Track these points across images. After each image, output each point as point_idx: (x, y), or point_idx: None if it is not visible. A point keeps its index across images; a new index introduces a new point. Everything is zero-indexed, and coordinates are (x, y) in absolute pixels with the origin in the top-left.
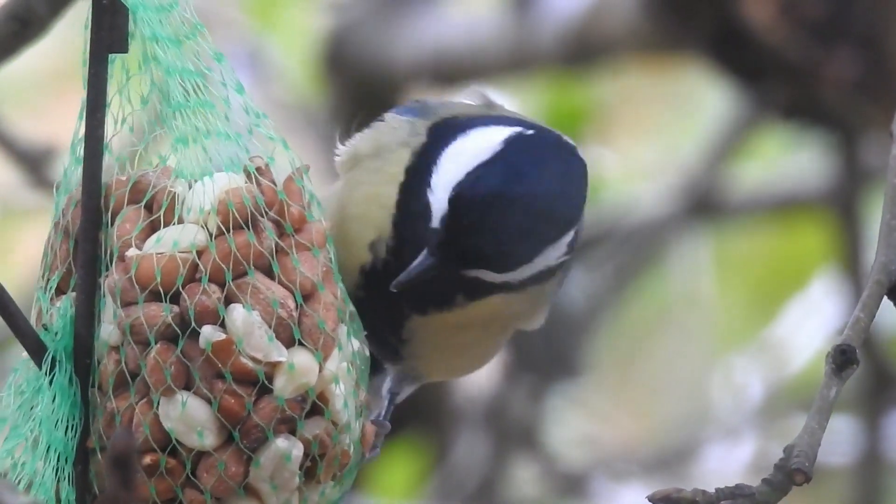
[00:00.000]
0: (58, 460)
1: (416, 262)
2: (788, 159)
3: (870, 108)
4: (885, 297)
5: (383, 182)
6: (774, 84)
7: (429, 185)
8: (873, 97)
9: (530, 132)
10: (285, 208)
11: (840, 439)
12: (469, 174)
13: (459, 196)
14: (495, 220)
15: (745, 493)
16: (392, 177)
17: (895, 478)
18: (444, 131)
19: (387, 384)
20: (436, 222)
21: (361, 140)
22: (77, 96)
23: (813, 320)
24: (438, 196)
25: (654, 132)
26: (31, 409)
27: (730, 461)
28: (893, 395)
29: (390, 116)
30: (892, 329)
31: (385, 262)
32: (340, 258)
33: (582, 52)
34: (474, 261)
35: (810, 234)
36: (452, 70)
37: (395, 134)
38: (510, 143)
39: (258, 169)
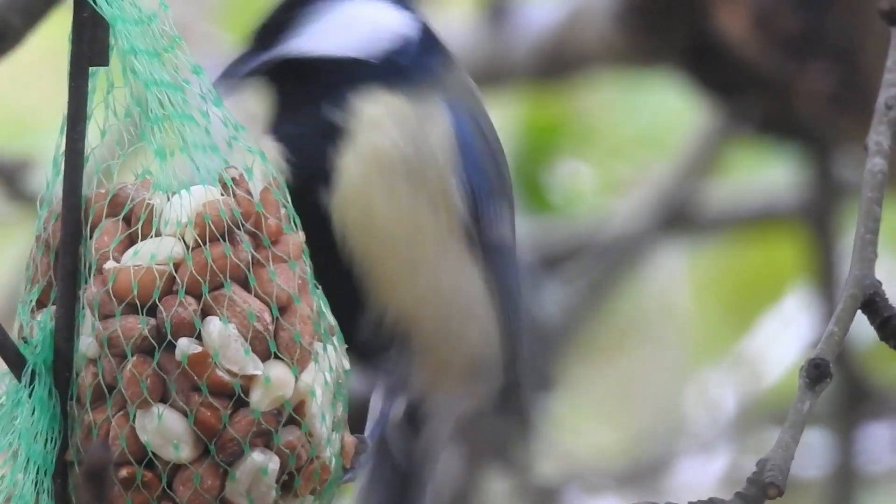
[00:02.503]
0: (37, 473)
1: None
2: (762, 173)
3: (844, 122)
4: (860, 311)
5: None
6: (748, 98)
7: None
8: (847, 111)
9: None
10: (262, 220)
11: (814, 453)
12: None
13: None
14: None
15: None
16: None
17: (868, 492)
18: None
19: (377, 403)
20: None
21: None
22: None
23: (787, 334)
24: None
25: (628, 146)
26: (11, 421)
27: (703, 475)
28: (867, 409)
29: None
30: (865, 343)
31: None
32: None
33: (556, 66)
34: None
35: (784, 248)
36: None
37: None
38: None
39: (234, 179)
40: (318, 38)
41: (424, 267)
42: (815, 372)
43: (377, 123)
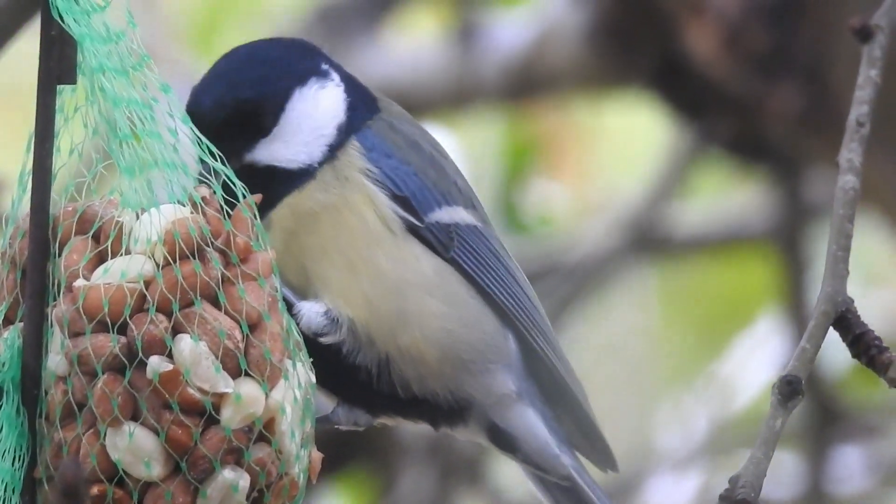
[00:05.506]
0: (5, 490)
1: None
2: (732, 194)
3: (813, 142)
4: (831, 328)
5: None
6: (718, 118)
7: None
8: (817, 130)
9: None
10: (231, 238)
11: (785, 475)
12: None
13: None
14: None
15: None
16: None
17: None
18: None
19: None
20: None
21: None
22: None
23: (758, 356)
24: None
25: (598, 167)
26: None
27: (675, 495)
28: (838, 431)
29: None
30: (836, 365)
31: None
32: None
33: (526, 86)
34: None
35: (754, 269)
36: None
37: None
38: None
39: (203, 198)
40: (283, 144)
41: (363, 265)
42: (788, 389)
43: (285, 215)
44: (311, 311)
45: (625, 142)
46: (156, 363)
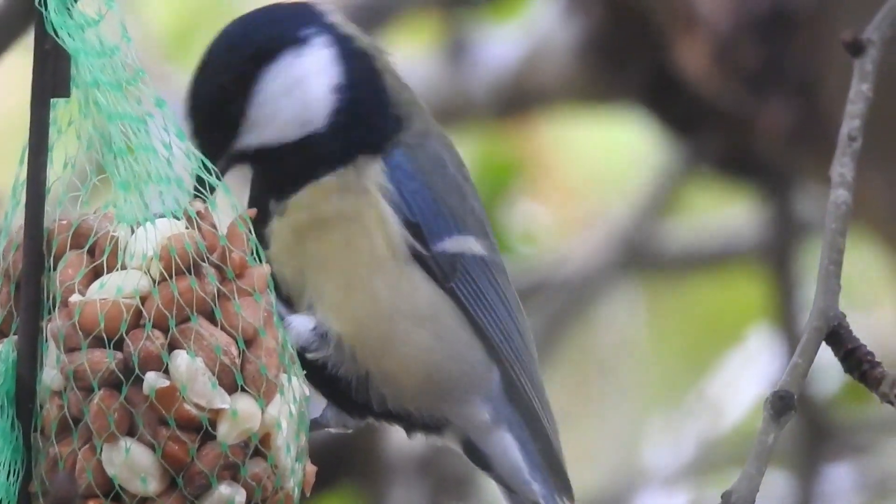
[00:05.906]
0: None
1: None
2: (722, 211)
3: (804, 157)
4: (824, 343)
5: None
6: (708, 135)
7: None
8: (808, 146)
9: None
10: (227, 253)
11: (775, 492)
12: None
13: None
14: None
15: None
16: None
17: None
18: None
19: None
20: None
21: None
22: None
23: (747, 374)
24: None
25: (587, 183)
26: None
27: None
28: (827, 448)
29: None
30: (827, 383)
31: None
32: None
33: (516, 102)
34: None
35: (744, 287)
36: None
37: None
38: None
39: (198, 213)
40: (266, 124)
41: (360, 286)
42: (780, 403)
43: (302, 205)
44: (301, 327)
45: (615, 158)
46: (152, 379)
